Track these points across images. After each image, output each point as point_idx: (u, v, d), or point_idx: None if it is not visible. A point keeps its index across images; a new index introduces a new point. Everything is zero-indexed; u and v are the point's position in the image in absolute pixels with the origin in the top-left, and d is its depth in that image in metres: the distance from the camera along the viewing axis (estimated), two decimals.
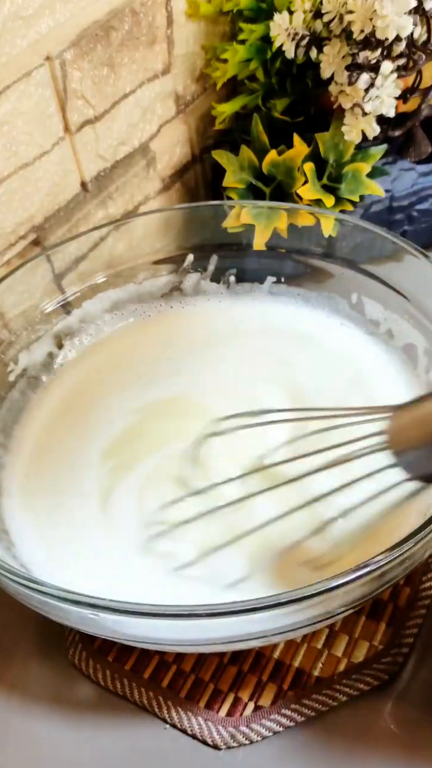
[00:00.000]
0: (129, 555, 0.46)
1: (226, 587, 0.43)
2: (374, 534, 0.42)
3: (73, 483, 0.51)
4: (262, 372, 0.56)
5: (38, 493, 0.51)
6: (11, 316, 0.57)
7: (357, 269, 0.59)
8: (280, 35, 0.60)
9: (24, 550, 0.47)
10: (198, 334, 0.61)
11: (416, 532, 0.37)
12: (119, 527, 0.48)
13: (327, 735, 0.43)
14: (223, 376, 0.56)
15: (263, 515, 0.43)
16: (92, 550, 0.47)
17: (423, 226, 0.70)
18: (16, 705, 0.46)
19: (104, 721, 0.45)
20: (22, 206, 0.57)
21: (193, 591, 0.44)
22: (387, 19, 0.53)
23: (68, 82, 0.57)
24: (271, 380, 0.55)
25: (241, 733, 0.43)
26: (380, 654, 0.45)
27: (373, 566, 0.36)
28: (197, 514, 0.45)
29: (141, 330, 0.62)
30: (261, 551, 0.45)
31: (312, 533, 0.43)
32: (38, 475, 0.51)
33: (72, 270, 0.60)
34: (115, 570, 0.46)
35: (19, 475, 0.52)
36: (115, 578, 0.45)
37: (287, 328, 0.60)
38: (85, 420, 0.54)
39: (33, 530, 0.49)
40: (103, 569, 0.46)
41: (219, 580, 0.44)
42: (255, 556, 0.45)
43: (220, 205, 0.61)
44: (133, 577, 0.45)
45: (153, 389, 0.56)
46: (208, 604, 0.37)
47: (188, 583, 0.44)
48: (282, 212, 0.59)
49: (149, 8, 0.61)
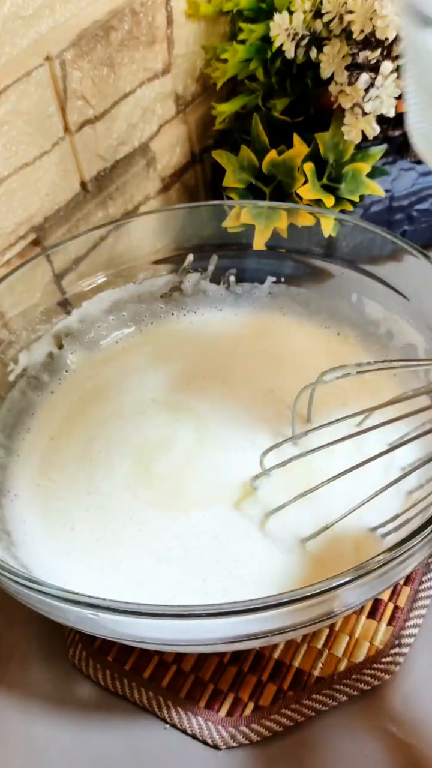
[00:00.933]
0: (139, 558, 0.47)
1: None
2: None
3: (81, 485, 0.51)
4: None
5: (43, 495, 0.51)
6: (11, 316, 0.57)
7: (357, 269, 0.59)
8: (280, 35, 0.60)
9: (28, 552, 0.47)
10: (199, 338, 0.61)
11: (416, 532, 0.37)
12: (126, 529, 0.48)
13: (327, 735, 0.43)
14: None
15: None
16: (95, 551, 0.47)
17: (423, 226, 0.70)
18: (16, 705, 0.46)
19: (104, 721, 0.45)
20: (22, 206, 0.57)
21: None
22: (387, 19, 0.53)
23: (68, 82, 0.57)
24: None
25: (241, 733, 0.43)
26: (380, 654, 0.45)
27: (373, 566, 0.36)
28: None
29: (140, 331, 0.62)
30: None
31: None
32: (42, 476, 0.51)
33: (72, 270, 0.60)
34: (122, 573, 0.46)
35: (24, 477, 0.52)
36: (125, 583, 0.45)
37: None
38: (93, 423, 0.54)
39: (38, 531, 0.49)
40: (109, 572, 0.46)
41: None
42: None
43: (220, 205, 0.61)
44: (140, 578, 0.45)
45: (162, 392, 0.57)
46: (208, 604, 0.37)
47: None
48: (282, 212, 0.59)
49: (149, 8, 0.61)
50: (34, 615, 0.42)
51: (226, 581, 0.45)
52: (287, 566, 0.45)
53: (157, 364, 0.59)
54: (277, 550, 0.46)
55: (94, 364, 0.60)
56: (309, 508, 0.46)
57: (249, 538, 0.47)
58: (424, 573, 0.49)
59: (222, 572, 0.45)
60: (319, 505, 0.46)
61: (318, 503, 0.46)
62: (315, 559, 0.45)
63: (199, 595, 0.44)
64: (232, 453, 0.52)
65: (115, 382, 0.58)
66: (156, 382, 0.57)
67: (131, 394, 0.57)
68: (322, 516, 0.45)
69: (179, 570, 0.46)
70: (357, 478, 0.44)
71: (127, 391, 0.57)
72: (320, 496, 0.44)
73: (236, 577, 0.45)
